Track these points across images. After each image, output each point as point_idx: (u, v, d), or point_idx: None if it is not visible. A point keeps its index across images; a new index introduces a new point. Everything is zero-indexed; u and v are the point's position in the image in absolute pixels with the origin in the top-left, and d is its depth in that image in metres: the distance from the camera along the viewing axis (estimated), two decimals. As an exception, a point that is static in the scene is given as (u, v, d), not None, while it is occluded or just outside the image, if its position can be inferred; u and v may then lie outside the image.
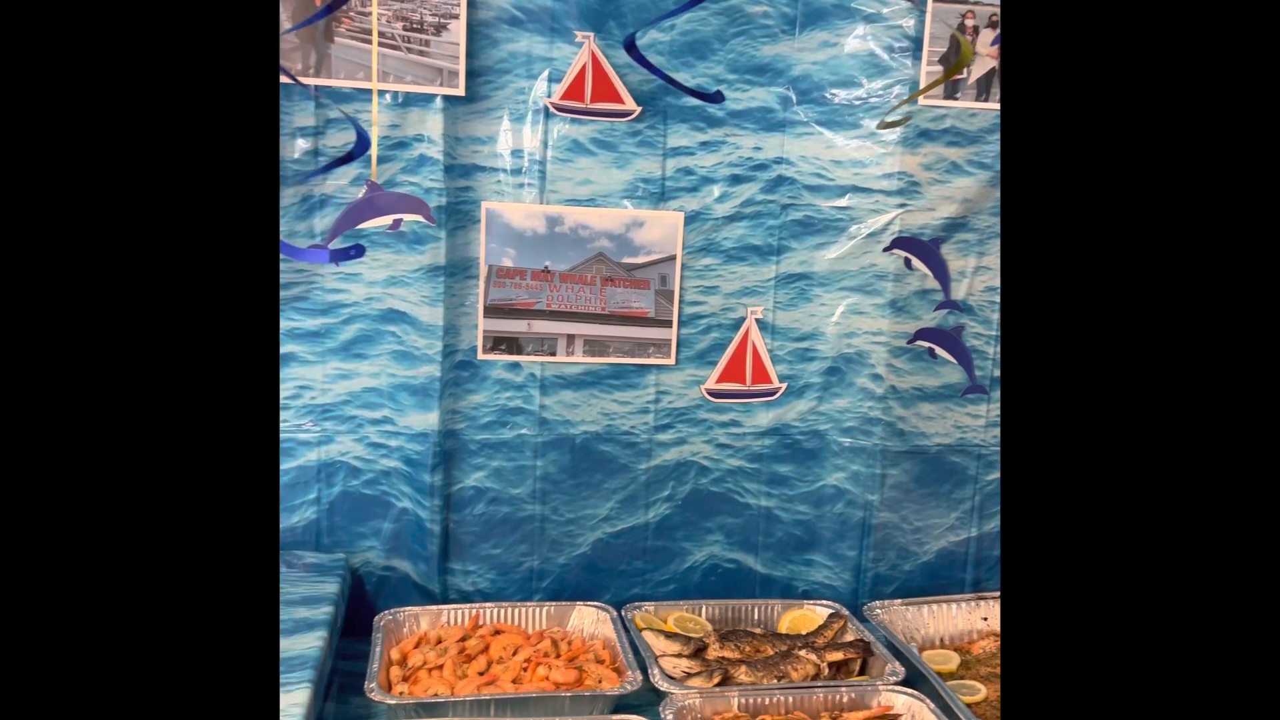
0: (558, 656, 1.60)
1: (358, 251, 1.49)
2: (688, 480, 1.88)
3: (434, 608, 1.73)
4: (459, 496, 1.81)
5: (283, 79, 1.55)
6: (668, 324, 1.81)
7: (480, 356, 1.77)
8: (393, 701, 1.43)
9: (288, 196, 1.63)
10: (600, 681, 1.53)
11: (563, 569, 1.87)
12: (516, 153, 1.71)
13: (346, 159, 1.52)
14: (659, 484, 1.87)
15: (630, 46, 1.50)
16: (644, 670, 1.54)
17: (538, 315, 1.78)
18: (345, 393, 1.75)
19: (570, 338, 1.79)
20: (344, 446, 1.77)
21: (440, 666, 1.56)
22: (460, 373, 1.77)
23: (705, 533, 1.90)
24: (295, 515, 1.77)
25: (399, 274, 1.70)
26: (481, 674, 1.55)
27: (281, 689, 1.28)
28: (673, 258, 1.79)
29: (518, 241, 1.74)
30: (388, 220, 1.54)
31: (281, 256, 1.50)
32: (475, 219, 1.72)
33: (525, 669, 1.57)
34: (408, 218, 1.58)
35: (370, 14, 1.56)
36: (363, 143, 1.45)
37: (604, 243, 1.77)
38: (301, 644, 1.41)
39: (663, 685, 1.50)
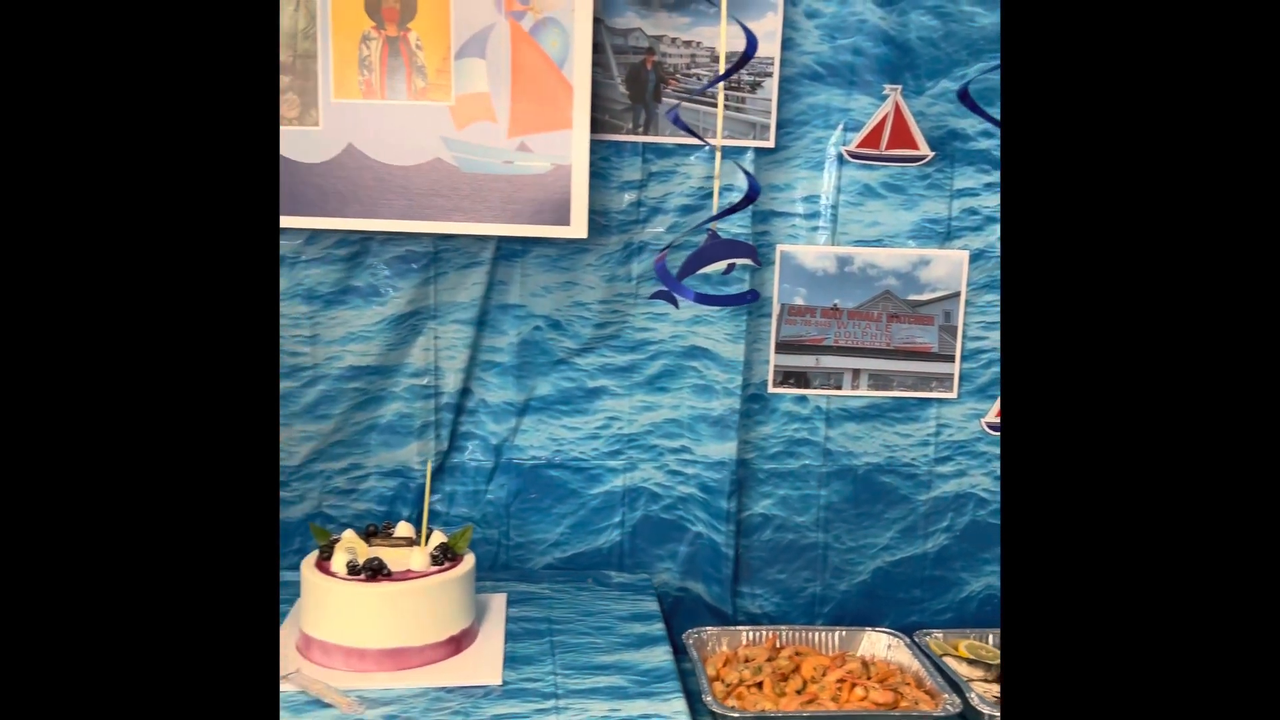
0: (868, 678, 1.67)
1: (753, 296, 1.67)
2: (966, 512, 1.92)
3: (732, 628, 1.82)
4: (748, 523, 1.91)
5: (612, 137, 1.70)
6: (950, 359, 1.87)
7: (770, 390, 1.87)
8: (735, 715, 1.52)
9: (612, 244, 1.78)
10: (917, 703, 1.59)
11: (844, 595, 1.94)
12: (810, 198, 1.82)
13: (744, 204, 1.62)
14: (938, 515, 1.92)
15: (964, 95, 1.59)
16: (959, 694, 1.59)
17: (826, 351, 1.87)
18: (648, 423, 1.87)
19: (856, 372, 1.88)
20: (645, 474, 1.89)
21: (759, 684, 1.65)
22: (751, 405, 1.87)
23: (983, 564, 1.94)
24: (601, 537, 1.90)
25: (704, 313, 1.82)
26: (799, 692, 1.63)
27: (658, 699, 1.39)
28: (957, 294, 1.85)
29: (809, 281, 1.84)
30: (723, 265, 1.66)
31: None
32: (770, 260, 1.83)
33: (839, 689, 1.65)
34: (739, 261, 1.70)
35: (694, 75, 1.70)
36: (752, 191, 1.56)
37: (891, 281, 1.86)
38: (654, 657, 1.52)
39: (984, 709, 1.55)
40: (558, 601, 1.72)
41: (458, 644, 1.49)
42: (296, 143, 1.57)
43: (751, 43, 1.41)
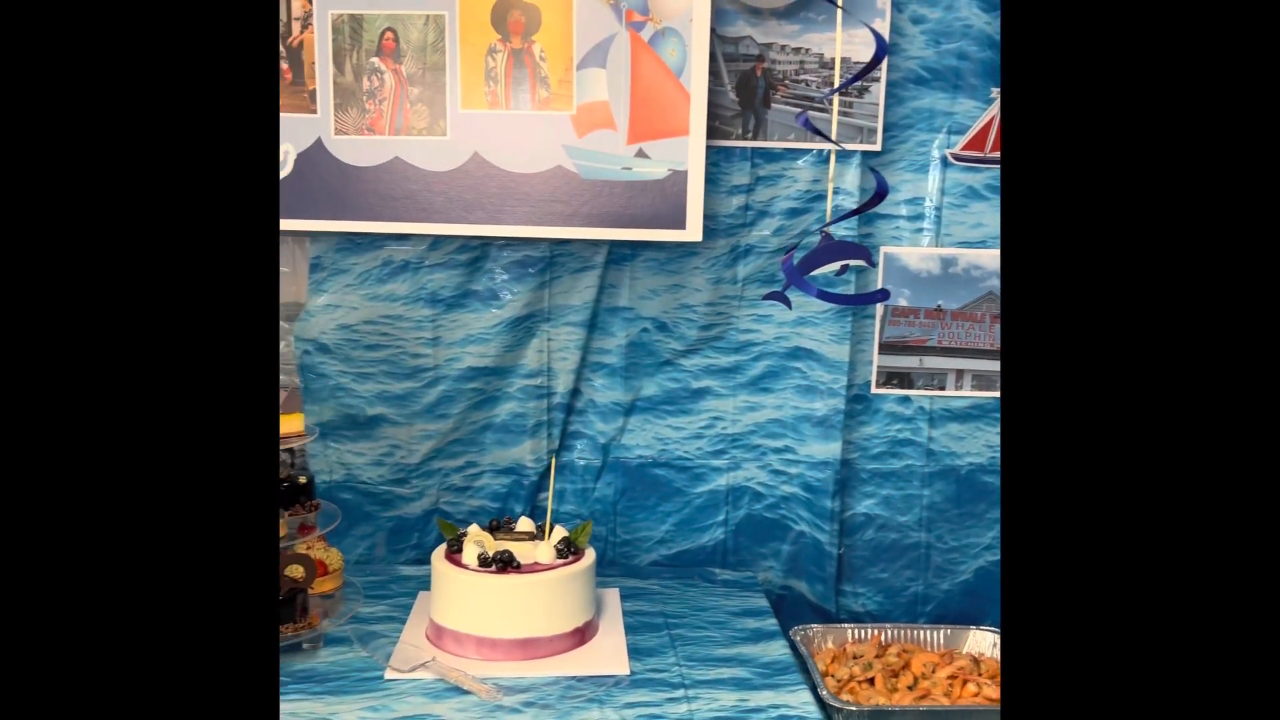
0: (979, 675, 1.69)
1: (884, 295, 1.71)
2: (1070, 511, 1.92)
3: (837, 626, 1.84)
4: (851, 522, 1.93)
5: (722, 142, 1.75)
6: (1054, 359, 1.88)
7: (874, 391, 1.89)
8: (853, 709, 1.55)
9: (720, 247, 1.82)
10: (1031, 701, 1.60)
11: (946, 594, 1.95)
12: (914, 200, 1.84)
13: (874, 202, 1.64)
14: (1041, 514, 1.92)
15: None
16: (1074, 692, 1.59)
17: (929, 351, 1.89)
18: (752, 423, 1.91)
19: (959, 373, 1.89)
20: (749, 473, 1.92)
21: (870, 680, 1.67)
22: (855, 405, 1.90)
23: (1087, 563, 1.94)
24: (705, 535, 1.94)
25: (808, 314, 1.86)
26: (910, 688, 1.65)
27: (784, 690, 1.42)
28: (1061, 296, 1.86)
29: (913, 282, 1.86)
30: (836, 265, 1.69)
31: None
32: (874, 262, 1.85)
33: (951, 685, 1.66)
34: (853, 262, 1.73)
35: (803, 81, 1.74)
36: (881, 190, 1.59)
37: (994, 282, 1.87)
38: (772, 651, 1.56)
39: (1101, 707, 1.56)
40: (669, 597, 1.76)
41: (582, 635, 1.53)
42: (425, 152, 1.64)
43: (881, 46, 1.44)
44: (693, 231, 1.67)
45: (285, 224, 1.67)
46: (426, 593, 1.67)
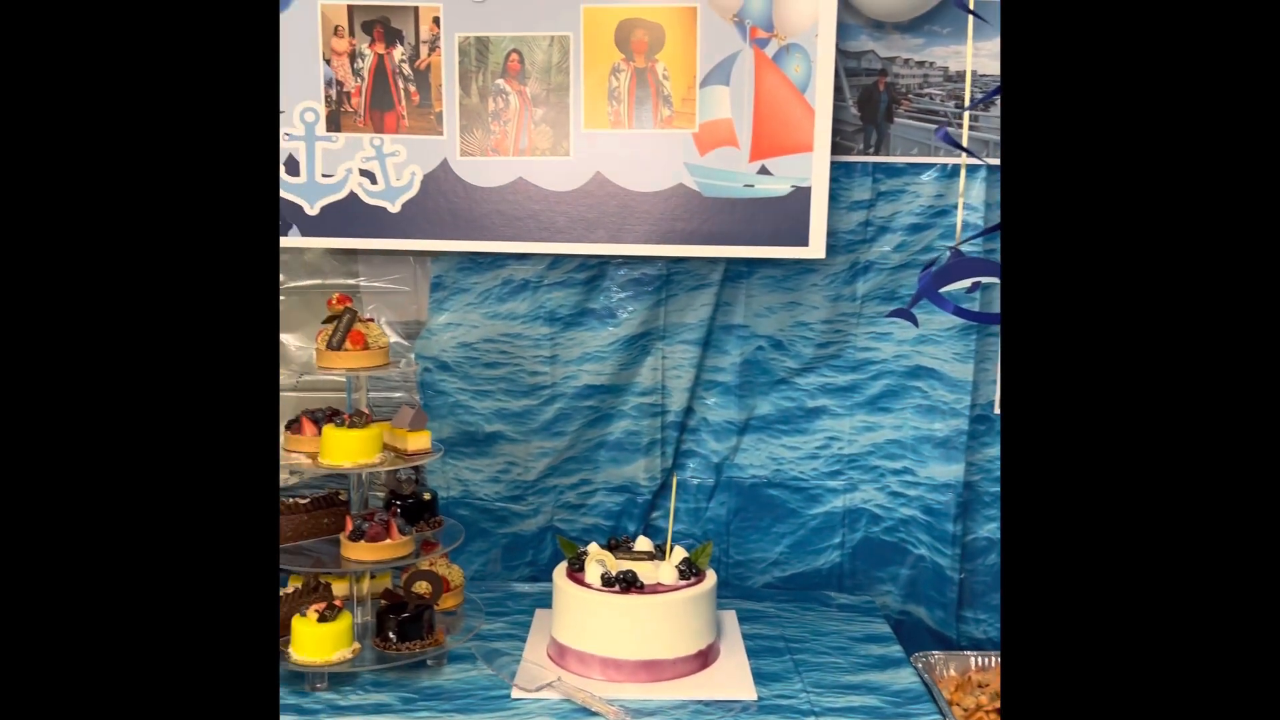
0: (1117, 711, 1.61)
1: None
2: (1207, 539, 1.83)
3: (959, 653, 1.78)
4: (973, 547, 1.87)
5: (844, 158, 1.72)
6: (1191, 380, 1.79)
7: (996, 411, 1.84)
8: (985, 741, 1.49)
9: (839, 264, 1.79)
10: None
11: (1073, 624, 1.87)
12: (1041, 215, 1.78)
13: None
14: (1177, 542, 1.84)
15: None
16: None
17: (1056, 371, 1.82)
18: (869, 444, 1.87)
19: (1088, 393, 1.82)
20: (866, 495, 1.88)
21: (995, 710, 1.61)
22: (978, 426, 1.84)
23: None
24: (821, 558, 1.90)
25: (930, 332, 1.81)
26: None
27: (911, 719, 1.38)
28: (1199, 313, 1.78)
29: (1039, 300, 1.80)
30: (967, 283, 1.65)
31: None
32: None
33: None
34: (985, 280, 1.69)
35: (926, 95, 1.70)
36: None
37: (1126, 300, 1.79)
38: (901, 679, 1.51)
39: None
40: (787, 620, 1.73)
41: (705, 658, 1.51)
42: (548, 172, 1.65)
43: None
44: (815, 248, 1.65)
45: (409, 244, 1.70)
46: (545, 610, 1.67)
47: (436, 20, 1.62)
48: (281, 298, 1.86)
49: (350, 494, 1.62)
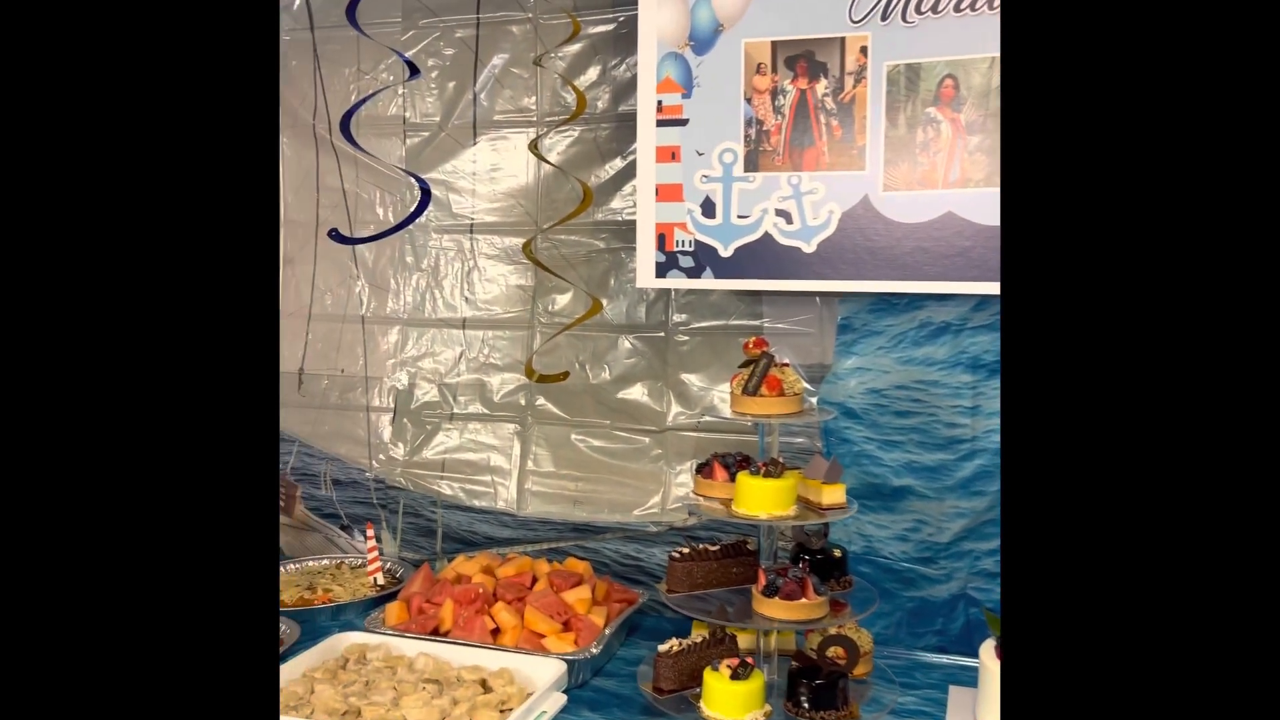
0: None
1: None
2: None
3: None
4: None
5: None
6: None
7: None
8: None
9: None
10: None
11: None
12: None
13: None
14: None
15: None
16: None
17: None
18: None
19: None
20: None
21: None
22: None
23: None
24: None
25: None
26: None
27: None
28: None
29: None
30: None
31: None
32: None
33: None
34: None
35: None
36: None
37: None
38: None
39: None
40: None
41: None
42: (983, 205, 1.50)
43: None
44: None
45: (820, 285, 1.62)
46: (959, 688, 1.51)
47: (864, 49, 1.53)
48: (685, 338, 1.87)
49: (760, 543, 1.57)
